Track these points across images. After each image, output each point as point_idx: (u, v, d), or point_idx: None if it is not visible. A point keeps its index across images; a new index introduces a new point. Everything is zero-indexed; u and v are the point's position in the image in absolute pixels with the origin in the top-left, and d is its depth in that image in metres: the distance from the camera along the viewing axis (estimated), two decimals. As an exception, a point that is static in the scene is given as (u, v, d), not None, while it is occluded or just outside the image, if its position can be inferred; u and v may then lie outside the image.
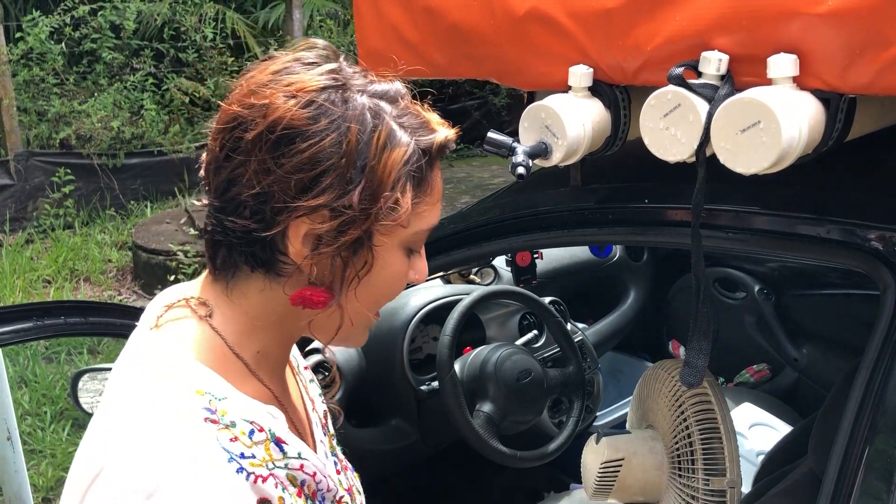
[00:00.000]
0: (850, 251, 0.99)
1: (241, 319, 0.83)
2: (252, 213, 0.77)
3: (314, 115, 0.75)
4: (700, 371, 1.00)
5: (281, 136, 0.75)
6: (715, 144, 0.90)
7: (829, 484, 0.96)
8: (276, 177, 0.75)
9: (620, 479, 1.49)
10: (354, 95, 0.78)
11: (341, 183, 0.76)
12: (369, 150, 0.77)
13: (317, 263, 0.79)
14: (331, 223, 0.76)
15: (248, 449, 0.78)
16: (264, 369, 0.87)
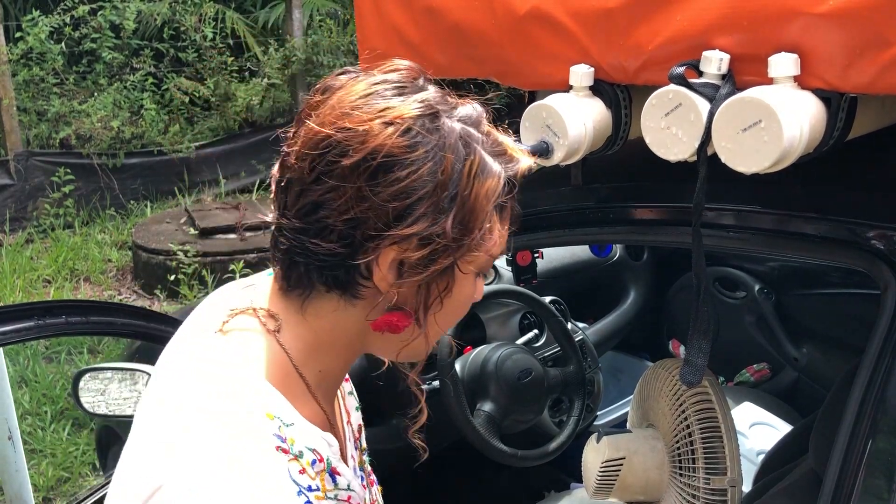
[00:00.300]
0: (851, 250, 1.00)
1: (310, 338, 0.83)
2: (340, 238, 0.76)
3: (412, 144, 0.75)
4: (700, 370, 1.00)
5: (380, 165, 0.74)
6: (716, 143, 0.90)
7: (830, 483, 0.96)
8: (370, 204, 0.74)
9: (621, 478, 1.49)
10: (446, 122, 0.78)
11: (434, 212, 0.75)
12: (461, 179, 0.76)
13: (399, 288, 0.78)
14: (421, 251, 0.76)
15: (312, 481, 0.77)
16: (322, 389, 0.86)
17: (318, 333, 0.83)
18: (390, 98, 0.77)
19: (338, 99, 0.78)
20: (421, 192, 0.75)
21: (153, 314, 1.28)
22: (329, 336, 0.83)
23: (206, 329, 0.84)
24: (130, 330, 1.19)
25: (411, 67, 0.82)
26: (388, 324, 0.80)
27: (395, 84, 0.79)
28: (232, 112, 6.37)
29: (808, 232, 1.04)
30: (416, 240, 0.75)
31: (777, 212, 1.06)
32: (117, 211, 5.81)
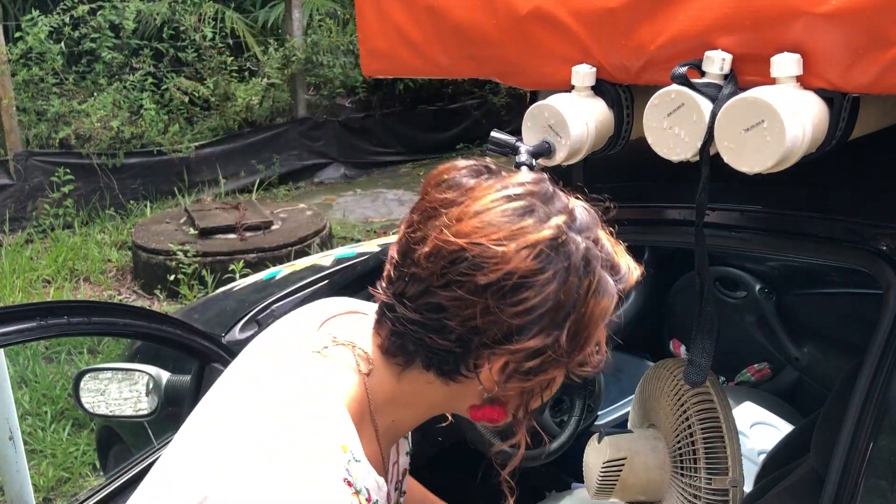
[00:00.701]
0: (854, 250, 1.00)
1: (395, 393, 0.87)
2: (458, 339, 0.80)
3: (542, 267, 0.78)
4: (704, 370, 1.00)
5: (512, 285, 0.78)
6: (718, 143, 0.90)
7: (832, 483, 0.96)
8: (495, 318, 0.78)
9: (623, 478, 1.49)
10: (571, 238, 0.81)
11: (551, 327, 0.79)
12: (580, 297, 0.80)
13: (498, 388, 0.83)
14: (532, 361, 0.80)
15: None
16: (387, 436, 0.90)
17: (404, 393, 0.88)
18: (522, 218, 0.79)
19: (472, 211, 0.80)
20: (542, 310, 0.79)
21: (155, 314, 1.28)
22: (413, 399, 0.89)
23: (305, 345, 0.88)
24: (132, 330, 1.19)
25: (538, 179, 0.84)
26: (488, 418, 0.86)
27: (526, 201, 0.81)
28: (231, 112, 6.37)
29: (810, 232, 1.04)
30: (528, 351, 0.80)
31: (779, 212, 1.06)
32: (117, 211, 5.80)
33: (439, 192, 0.84)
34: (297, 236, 4.84)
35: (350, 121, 6.97)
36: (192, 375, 1.55)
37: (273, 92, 6.63)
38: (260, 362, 0.91)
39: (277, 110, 6.73)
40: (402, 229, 0.86)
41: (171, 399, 1.63)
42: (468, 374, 0.83)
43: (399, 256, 0.84)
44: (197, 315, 2.18)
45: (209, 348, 1.43)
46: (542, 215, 0.80)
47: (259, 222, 4.95)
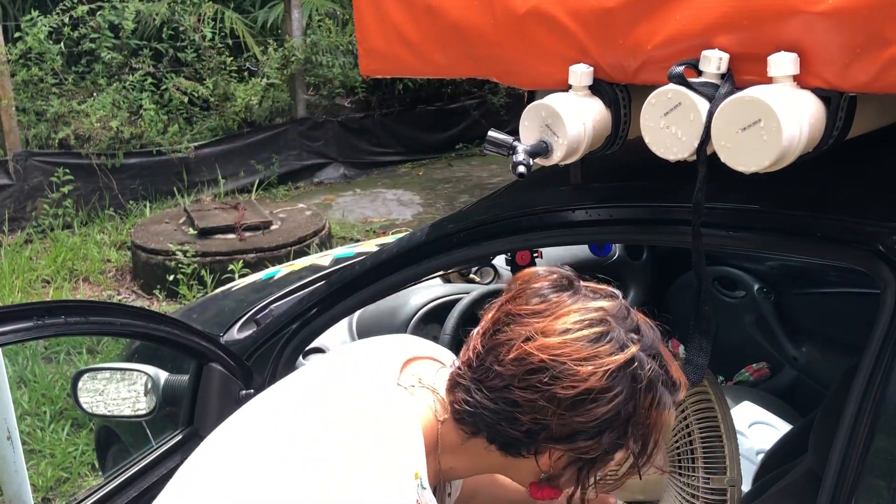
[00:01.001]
0: (851, 249, 0.99)
1: (458, 446, 0.95)
2: (526, 432, 0.89)
3: (611, 386, 0.87)
4: (701, 369, 1.00)
5: (584, 399, 0.87)
6: (715, 143, 0.90)
7: (830, 482, 0.96)
8: (564, 422, 0.88)
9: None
10: (640, 360, 0.89)
11: (613, 433, 0.89)
12: (642, 409, 0.89)
13: (552, 473, 0.93)
14: (579, 461, 0.91)
15: None
16: (440, 480, 0.97)
17: (467, 451, 0.95)
18: (600, 343, 0.88)
19: (556, 329, 0.89)
20: (607, 418, 0.88)
21: (153, 314, 1.27)
22: (474, 458, 0.96)
23: (385, 377, 0.95)
24: (130, 330, 1.19)
25: (614, 304, 0.93)
26: (546, 497, 0.95)
27: (604, 326, 0.89)
28: (231, 112, 6.37)
29: (807, 231, 1.03)
30: (588, 450, 0.90)
31: (776, 211, 1.06)
32: (116, 211, 5.80)
33: (524, 300, 0.93)
34: (296, 236, 4.84)
35: (349, 121, 6.97)
36: (190, 375, 1.55)
37: (272, 92, 6.63)
38: (326, 384, 0.97)
39: (277, 110, 6.74)
40: (486, 320, 0.95)
41: (170, 399, 1.63)
42: (528, 455, 0.91)
43: (483, 350, 0.92)
44: (195, 315, 2.18)
45: (207, 348, 1.43)
46: (617, 341, 0.89)
47: (258, 222, 4.95)
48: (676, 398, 0.94)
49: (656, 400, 0.90)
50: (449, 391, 0.95)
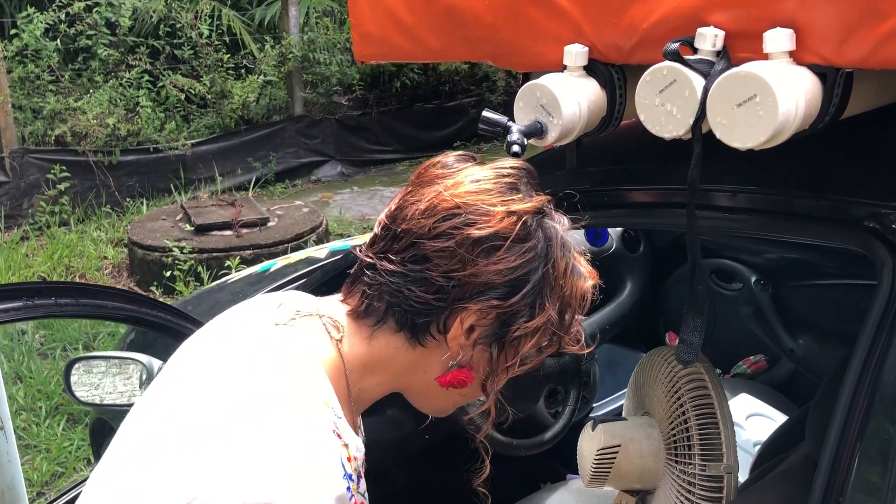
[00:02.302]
0: (847, 229, 0.99)
1: (366, 359, 0.90)
2: (437, 292, 0.85)
3: (526, 235, 0.86)
4: (695, 348, 0.99)
5: (498, 246, 0.85)
6: (711, 119, 0.89)
7: (825, 465, 0.95)
8: (476, 272, 0.85)
9: (617, 465, 1.48)
10: (549, 222, 0.89)
11: (525, 293, 0.86)
12: (558, 273, 0.87)
13: (465, 349, 0.87)
14: (495, 325, 0.87)
15: (353, 472, 0.82)
16: (356, 405, 0.92)
17: (373, 358, 0.90)
18: (511, 192, 0.88)
19: (465, 176, 0.89)
20: (520, 274, 0.85)
21: (145, 299, 1.26)
22: (381, 366, 0.90)
23: (263, 322, 0.88)
24: (122, 314, 1.18)
25: (524, 164, 0.93)
26: (456, 380, 0.89)
27: (515, 179, 0.90)
28: (228, 109, 6.36)
29: (803, 212, 1.03)
30: (495, 312, 0.86)
31: (772, 192, 1.05)
32: (113, 208, 5.79)
33: (434, 170, 0.92)
34: (293, 233, 4.84)
35: (347, 119, 6.97)
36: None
37: (269, 90, 6.63)
38: (213, 349, 0.88)
39: (274, 108, 6.73)
40: (395, 199, 0.92)
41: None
42: (437, 335, 0.87)
43: (389, 219, 0.90)
44: (191, 307, 2.17)
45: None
46: (527, 193, 0.89)
47: (255, 219, 4.94)
48: (587, 285, 0.91)
49: (570, 266, 0.88)
50: (346, 293, 0.91)
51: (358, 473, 0.84)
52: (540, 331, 0.88)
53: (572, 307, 0.89)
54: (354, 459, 0.83)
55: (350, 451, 0.81)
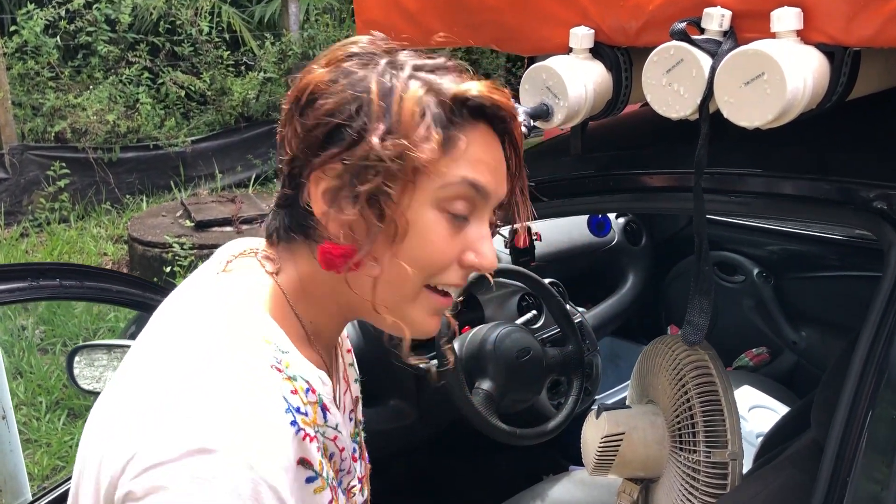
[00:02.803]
0: (854, 211, 0.98)
1: (299, 284, 0.85)
2: (289, 179, 0.81)
3: (335, 77, 0.79)
4: (701, 329, 0.99)
5: (308, 101, 0.79)
6: (718, 98, 0.89)
7: (832, 449, 0.95)
8: (300, 138, 0.79)
9: (621, 453, 1.48)
10: (379, 59, 0.80)
11: (352, 135, 0.77)
12: (384, 103, 0.77)
13: (335, 219, 0.78)
14: (344, 177, 0.77)
15: (303, 405, 0.77)
16: (321, 340, 0.88)
17: (303, 281, 0.84)
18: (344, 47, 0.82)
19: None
20: (340, 118, 0.77)
21: (149, 284, 1.26)
22: (311, 286, 0.84)
23: (209, 272, 0.87)
24: (126, 298, 1.17)
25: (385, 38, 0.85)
26: (324, 254, 0.79)
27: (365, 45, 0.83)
28: (228, 107, 6.35)
29: (810, 194, 1.03)
30: (339, 165, 0.77)
31: (779, 174, 1.05)
32: (113, 205, 5.78)
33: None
34: (293, 229, 4.83)
35: (347, 116, 6.95)
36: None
37: (269, 87, 6.61)
38: (165, 312, 0.86)
39: (274, 105, 6.71)
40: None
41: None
42: (315, 221, 0.80)
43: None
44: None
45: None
46: (359, 50, 0.82)
47: (255, 215, 4.94)
48: (452, 91, 0.78)
49: (399, 88, 0.77)
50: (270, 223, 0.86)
51: (322, 406, 0.81)
52: (371, 169, 0.76)
53: (405, 131, 0.76)
54: (312, 392, 0.79)
55: (297, 384, 0.77)
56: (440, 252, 0.80)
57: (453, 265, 0.82)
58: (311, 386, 0.80)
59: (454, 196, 0.79)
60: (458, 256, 0.82)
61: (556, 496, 1.87)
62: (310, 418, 0.77)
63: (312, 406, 0.79)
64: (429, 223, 0.79)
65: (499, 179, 0.83)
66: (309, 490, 0.77)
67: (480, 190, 0.80)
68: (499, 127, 0.83)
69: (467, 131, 0.80)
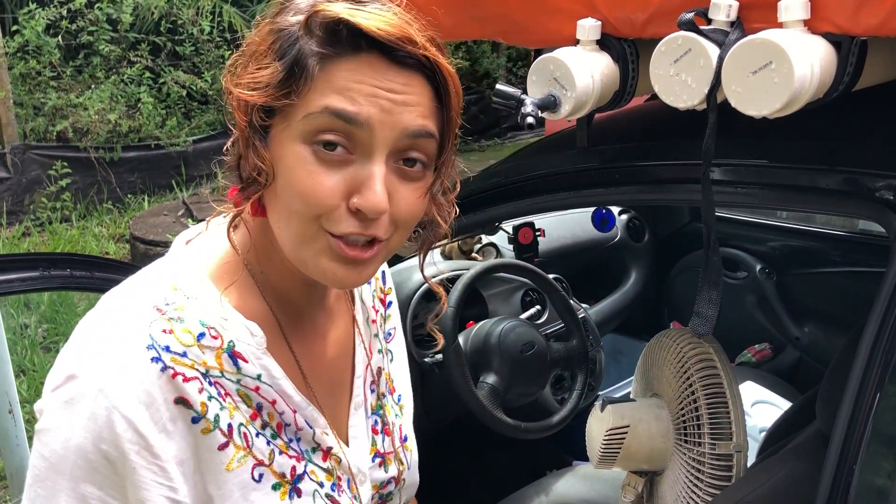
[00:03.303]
0: (860, 201, 0.99)
1: (248, 236, 0.87)
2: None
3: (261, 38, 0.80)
4: (711, 320, 0.99)
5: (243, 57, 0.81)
6: (726, 88, 0.89)
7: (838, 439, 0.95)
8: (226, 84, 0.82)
9: (626, 446, 1.48)
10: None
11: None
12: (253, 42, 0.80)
13: (230, 159, 0.82)
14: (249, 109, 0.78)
15: (179, 346, 0.79)
16: (269, 294, 0.88)
17: (252, 233, 0.87)
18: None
19: None
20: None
21: (157, 276, 1.27)
22: (256, 237, 0.87)
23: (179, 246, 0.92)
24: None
25: None
26: (231, 199, 0.82)
27: None
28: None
29: (816, 185, 1.03)
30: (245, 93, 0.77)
31: (785, 165, 1.06)
32: (114, 204, 5.79)
33: None
34: (295, 228, 4.84)
35: (347, 115, 6.96)
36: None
37: (271, 86, 6.62)
38: None
39: (275, 105, 6.72)
40: None
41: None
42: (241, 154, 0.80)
43: None
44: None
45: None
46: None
47: (257, 214, 4.94)
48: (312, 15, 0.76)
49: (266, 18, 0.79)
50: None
51: (231, 353, 0.82)
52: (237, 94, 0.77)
53: (247, 59, 0.79)
54: (214, 338, 0.81)
55: (180, 326, 0.79)
56: (312, 187, 0.76)
57: (339, 208, 0.77)
58: (213, 332, 0.81)
59: (319, 127, 0.75)
60: (345, 198, 0.77)
61: (560, 491, 1.87)
62: (189, 359, 0.79)
63: (212, 352, 0.81)
64: (296, 157, 0.76)
65: (388, 110, 0.76)
66: (196, 431, 0.79)
67: (349, 118, 0.74)
68: (404, 59, 0.76)
69: (344, 60, 0.75)
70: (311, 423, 0.90)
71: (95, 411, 0.73)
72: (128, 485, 0.75)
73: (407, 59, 0.76)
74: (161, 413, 0.76)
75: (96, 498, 0.75)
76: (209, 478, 0.80)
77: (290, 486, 0.87)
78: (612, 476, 1.81)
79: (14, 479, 1.72)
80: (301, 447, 0.89)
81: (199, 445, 0.79)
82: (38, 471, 0.76)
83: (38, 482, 0.76)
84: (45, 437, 0.76)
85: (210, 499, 0.81)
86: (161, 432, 0.76)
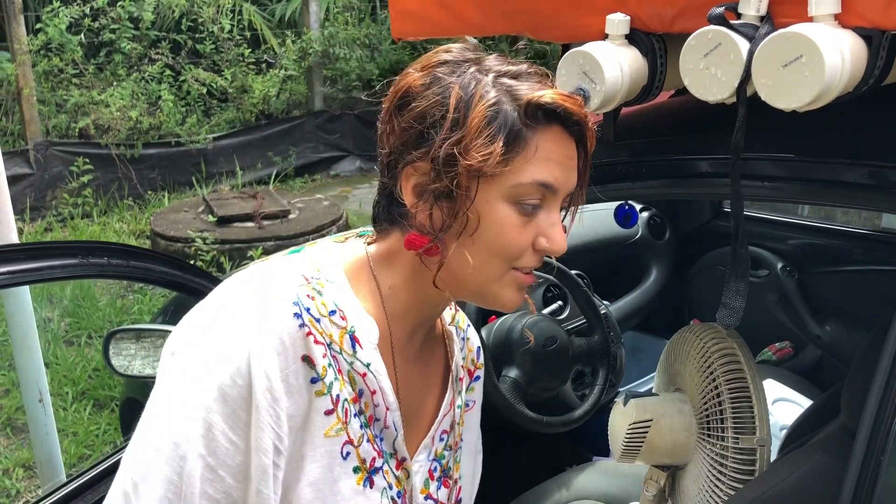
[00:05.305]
0: (887, 195, 0.99)
1: (385, 254, 0.94)
2: (387, 170, 0.91)
3: (428, 82, 0.87)
4: (738, 312, 1.00)
5: (402, 101, 0.88)
6: (756, 81, 0.90)
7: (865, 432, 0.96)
8: (395, 135, 0.88)
9: (648, 440, 1.49)
10: (470, 67, 0.88)
11: (440, 135, 0.85)
12: (465, 106, 0.85)
13: (422, 211, 0.88)
14: (430, 174, 0.86)
15: (317, 312, 0.86)
16: (394, 313, 0.94)
17: (390, 252, 0.94)
18: (437, 55, 0.91)
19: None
20: (430, 121, 0.86)
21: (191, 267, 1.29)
22: (395, 256, 0.93)
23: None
24: (168, 279, 1.20)
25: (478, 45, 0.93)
26: (409, 241, 0.90)
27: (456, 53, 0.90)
28: (249, 104, 6.41)
29: (843, 179, 1.03)
30: (427, 163, 0.86)
31: (812, 160, 1.06)
32: (135, 201, 5.85)
33: None
34: (314, 225, 4.87)
35: (366, 114, 6.99)
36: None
37: (290, 85, 6.66)
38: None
39: (294, 103, 6.77)
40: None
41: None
42: (404, 210, 0.90)
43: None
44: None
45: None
46: (453, 57, 0.90)
47: (277, 211, 4.98)
48: (527, 97, 0.86)
49: (478, 93, 0.85)
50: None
51: (352, 336, 0.88)
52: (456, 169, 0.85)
53: (473, 134, 0.85)
54: (342, 318, 0.87)
55: (319, 299, 0.86)
56: (513, 240, 0.89)
57: (528, 249, 0.90)
58: (342, 313, 0.88)
59: (525, 193, 0.87)
60: (532, 241, 0.90)
61: (580, 485, 1.88)
62: (321, 326, 0.85)
63: (337, 329, 0.87)
64: (502, 216, 0.88)
65: (567, 175, 0.90)
66: (312, 391, 0.85)
67: (549, 187, 0.88)
68: (572, 128, 0.90)
69: (541, 132, 0.87)
70: (396, 426, 0.95)
71: (237, 347, 0.80)
72: (252, 426, 0.81)
73: (575, 128, 0.90)
74: (288, 364, 0.82)
75: (220, 431, 0.80)
76: (308, 438, 0.85)
77: (367, 475, 0.91)
78: (632, 471, 1.82)
79: (44, 468, 1.75)
80: (383, 446, 0.94)
81: (310, 404, 0.85)
82: (168, 391, 0.82)
83: (166, 400, 0.83)
84: (181, 361, 0.82)
85: (302, 457, 0.85)
86: (283, 381, 0.82)
